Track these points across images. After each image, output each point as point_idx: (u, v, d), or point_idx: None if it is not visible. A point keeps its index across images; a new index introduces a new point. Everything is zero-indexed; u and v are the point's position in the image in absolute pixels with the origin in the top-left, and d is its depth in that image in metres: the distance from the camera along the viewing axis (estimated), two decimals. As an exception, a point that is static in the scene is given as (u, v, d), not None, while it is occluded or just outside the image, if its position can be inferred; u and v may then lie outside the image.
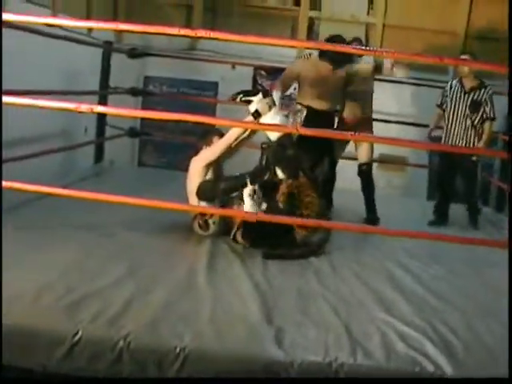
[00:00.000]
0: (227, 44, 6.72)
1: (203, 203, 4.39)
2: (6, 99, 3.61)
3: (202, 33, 3.96)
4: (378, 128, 5.97)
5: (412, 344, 2.90)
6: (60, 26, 4.75)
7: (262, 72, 7.37)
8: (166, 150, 8.15)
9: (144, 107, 7.75)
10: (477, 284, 4.01)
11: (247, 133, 4.52)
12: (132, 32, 6.20)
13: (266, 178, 4.46)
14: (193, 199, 4.41)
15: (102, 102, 6.53)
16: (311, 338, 2.85)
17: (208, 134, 4.68)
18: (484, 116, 5.76)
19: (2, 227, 3.63)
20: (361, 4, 7.87)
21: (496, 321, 3.29)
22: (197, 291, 3.30)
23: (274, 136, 4.40)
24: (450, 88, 5.83)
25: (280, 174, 4.40)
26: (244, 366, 2.67)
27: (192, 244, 4.21)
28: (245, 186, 4.28)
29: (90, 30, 6.70)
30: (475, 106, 5.71)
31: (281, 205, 4.30)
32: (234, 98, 4.58)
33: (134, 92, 7.24)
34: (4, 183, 3.59)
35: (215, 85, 7.50)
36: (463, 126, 5.72)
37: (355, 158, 5.77)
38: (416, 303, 3.49)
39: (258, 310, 3.11)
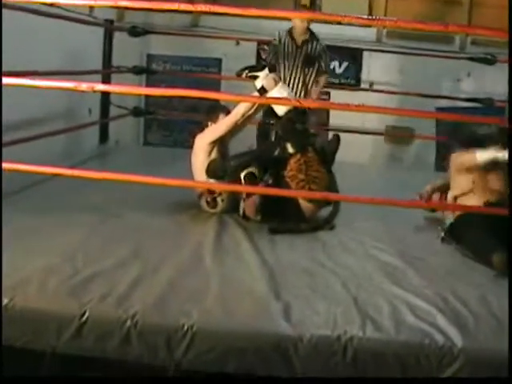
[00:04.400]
0: (230, 20, 6.65)
1: (212, 181, 4.36)
2: (5, 80, 3.57)
3: (202, 7, 3.90)
4: (381, 99, 5.93)
5: (422, 316, 2.88)
6: (59, 6, 4.71)
7: (266, 47, 7.29)
8: (171, 128, 8.11)
9: (148, 86, 7.70)
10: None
11: (253, 109, 4.47)
12: (132, 9, 6.16)
13: (276, 153, 4.44)
14: (198, 176, 4.38)
15: (106, 81, 6.48)
16: (320, 312, 2.83)
17: (213, 110, 4.65)
18: (320, 69, 5.73)
19: (8, 210, 3.62)
20: (364, -25, 7.77)
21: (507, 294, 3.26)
22: (204, 269, 3.28)
23: (281, 111, 4.36)
24: (280, 43, 5.69)
25: (290, 148, 4.36)
26: (252, 342, 2.65)
27: (199, 222, 4.18)
28: (254, 163, 4.26)
29: (91, 8, 6.63)
30: (309, 60, 5.63)
31: (289, 180, 4.26)
32: (239, 74, 4.54)
33: (137, 71, 7.19)
34: (7, 165, 3.56)
35: (219, 61, 7.44)
36: (300, 81, 5.61)
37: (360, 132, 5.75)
38: (427, 276, 3.45)
39: (266, 286, 3.09)
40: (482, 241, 3.80)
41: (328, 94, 6.64)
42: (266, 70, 4.39)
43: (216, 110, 4.63)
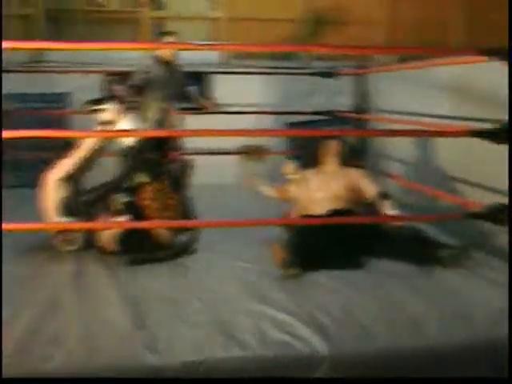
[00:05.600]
0: (75, 52, 6.56)
1: (65, 219, 4.27)
2: None
3: (44, 44, 3.84)
4: (236, 120, 6.00)
5: (286, 329, 2.96)
6: None
7: (114, 77, 7.24)
8: (24, 168, 7.84)
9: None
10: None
11: (102, 142, 4.42)
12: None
13: (129, 183, 4.41)
14: (50, 215, 4.27)
15: None
16: (185, 339, 2.84)
17: (65, 147, 4.55)
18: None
19: None
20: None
21: (369, 297, 3.40)
22: (64, 309, 3.21)
23: (131, 141, 4.34)
24: (151, 72, 5.76)
25: (143, 177, 4.34)
26: (118, 376, 2.62)
27: (56, 262, 4.06)
28: (107, 196, 4.22)
29: None
30: (180, 85, 5.87)
31: (144, 209, 4.25)
32: (84, 108, 4.50)
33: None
34: None
35: (67, 95, 7.30)
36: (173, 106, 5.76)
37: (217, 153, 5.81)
38: (288, 289, 3.55)
39: (129, 319, 3.07)
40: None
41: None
42: (112, 102, 4.37)
43: (67, 146, 4.54)
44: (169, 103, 5.54)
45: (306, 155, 4.89)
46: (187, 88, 5.94)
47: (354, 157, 5.06)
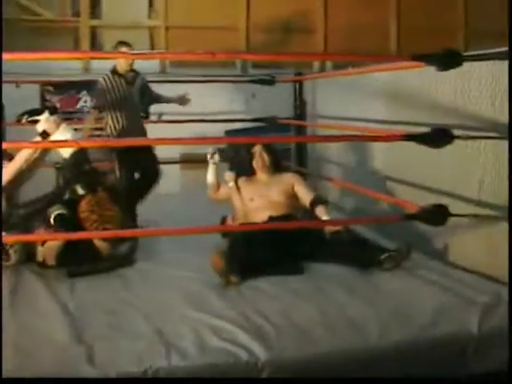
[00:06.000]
0: (7, 62, 6.44)
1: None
2: None
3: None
4: (176, 128, 5.99)
5: (225, 336, 2.95)
6: None
7: (50, 88, 7.14)
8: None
9: None
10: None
11: (37, 154, 4.35)
12: None
13: (65, 196, 4.35)
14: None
15: None
16: (124, 350, 2.81)
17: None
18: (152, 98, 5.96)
19: None
20: (141, 8, 7.84)
21: (309, 302, 3.43)
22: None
23: (67, 153, 4.28)
24: (110, 84, 5.56)
25: (79, 190, 4.30)
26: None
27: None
28: (44, 209, 4.16)
29: None
30: (141, 95, 5.76)
31: (83, 221, 4.20)
32: (19, 120, 4.42)
33: None
34: None
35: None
36: (137, 116, 5.75)
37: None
38: (228, 296, 3.55)
39: (67, 332, 3.02)
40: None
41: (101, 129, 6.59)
42: (47, 113, 4.30)
43: (2, 158, 4.45)
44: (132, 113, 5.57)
45: (238, 164, 4.92)
46: (150, 91, 5.87)
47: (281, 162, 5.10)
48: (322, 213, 4.43)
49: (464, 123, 4.09)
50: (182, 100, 6.08)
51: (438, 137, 3.66)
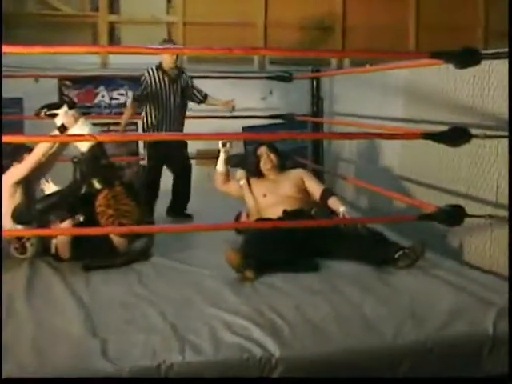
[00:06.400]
0: (27, 57, 6.48)
1: (19, 226, 4.21)
2: None
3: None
4: (193, 124, 5.99)
5: (239, 332, 2.96)
6: None
7: (67, 82, 7.17)
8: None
9: None
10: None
11: (55, 148, 4.37)
12: None
13: (82, 190, 4.37)
14: (5, 221, 4.20)
15: None
16: (138, 344, 2.82)
17: (17, 152, 4.48)
18: (196, 99, 5.96)
19: None
20: (159, 3, 7.86)
21: (323, 299, 3.41)
22: (16, 317, 3.17)
23: (84, 147, 4.29)
24: (153, 78, 5.64)
25: (96, 184, 4.31)
26: (71, 385, 2.60)
27: (9, 269, 3.95)
28: (62, 203, 4.19)
29: None
30: (184, 94, 5.78)
31: (99, 216, 4.21)
32: (37, 114, 4.43)
33: None
34: None
35: (19, 101, 7.21)
36: (176, 115, 5.72)
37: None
38: (243, 293, 3.55)
39: (82, 325, 3.04)
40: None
41: (135, 124, 6.61)
42: (65, 107, 4.31)
43: (20, 151, 4.47)
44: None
45: (247, 168, 4.91)
46: (194, 91, 5.89)
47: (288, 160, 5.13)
48: (336, 204, 4.44)
49: (481, 122, 4.06)
50: (228, 104, 6.10)
51: (456, 136, 3.65)
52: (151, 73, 5.62)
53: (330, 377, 2.82)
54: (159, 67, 5.62)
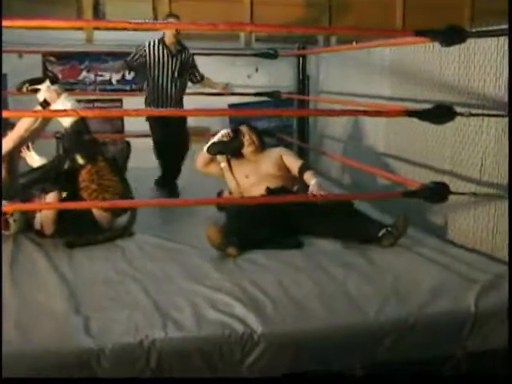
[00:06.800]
0: (10, 32, 6.39)
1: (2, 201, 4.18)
2: None
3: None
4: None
5: (222, 308, 2.96)
6: None
7: (52, 58, 7.08)
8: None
9: None
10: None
11: (38, 123, 4.33)
12: None
13: (65, 166, 4.34)
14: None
15: None
16: (120, 321, 2.81)
17: (1, 128, 4.43)
18: (194, 78, 5.98)
19: None
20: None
21: (306, 276, 3.42)
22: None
23: (67, 122, 4.26)
24: (152, 50, 5.65)
25: (79, 159, 4.28)
26: (53, 361, 2.59)
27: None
28: (45, 178, 4.16)
29: None
30: (183, 69, 5.77)
31: (82, 191, 4.19)
32: (19, 88, 4.39)
33: None
34: None
35: (4, 76, 7.13)
36: (175, 89, 5.73)
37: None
38: (226, 269, 3.56)
39: (65, 302, 3.03)
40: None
41: (120, 101, 6.57)
42: (48, 82, 4.27)
43: (5, 127, 4.42)
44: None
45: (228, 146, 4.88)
46: (196, 69, 5.88)
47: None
48: (310, 177, 4.43)
49: (467, 101, 4.06)
50: (225, 89, 6.15)
51: (440, 113, 3.65)
52: (151, 44, 5.63)
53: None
54: (161, 40, 5.64)
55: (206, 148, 4.80)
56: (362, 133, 5.96)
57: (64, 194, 4.16)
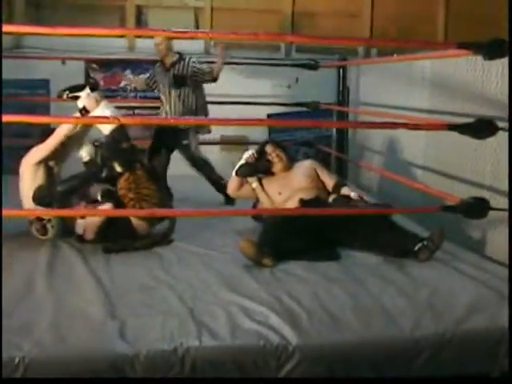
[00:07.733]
0: (55, 39, 6.51)
1: (41, 206, 4.23)
2: None
3: (24, 29, 3.81)
4: (218, 110, 5.98)
5: (257, 318, 2.96)
6: None
7: (94, 65, 7.19)
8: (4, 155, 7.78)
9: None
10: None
11: (78, 129, 4.37)
12: None
13: (103, 174, 4.38)
14: (26, 202, 4.24)
15: None
16: (155, 327, 2.83)
17: (45, 134, 4.48)
18: (207, 79, 5.82)
19: None
20: (187, -12, 7.84)
21: (342, 288, 3.40)
22: (36, 297, 3.20)
23: (106, 130, 4.30)
24: (156, 69, 5.88)
25: (117, 167, 4.33)
26: (88, 365, 2.61)
27: (30, 249, 4.03)
28: (83, 185, 4.22)
29: None
30: (178, 82, 5.73)
31: (120, 199, 4.24)
32: (60, 95, 4.45)
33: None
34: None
35: (46, 82, 7.25)
36: (174, 102, 5.73)
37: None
38: (262, 279, 3.55)
39: (101, 307, 3.06)
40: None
41: (158, 108, 6.61)
42: (87, 90, 4.32)
43: (47, 133, 4.47)
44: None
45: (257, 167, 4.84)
46: (202, 72, 5.85)
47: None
48: (348, 192, 4.46)
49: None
50: (223, 49, 5.97)
51: (482, 128, 3.61)
52: (157, 64, 5.89)
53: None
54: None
55: (234, 172, 4.76)
56: (401, 145, 5.92)
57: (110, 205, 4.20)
